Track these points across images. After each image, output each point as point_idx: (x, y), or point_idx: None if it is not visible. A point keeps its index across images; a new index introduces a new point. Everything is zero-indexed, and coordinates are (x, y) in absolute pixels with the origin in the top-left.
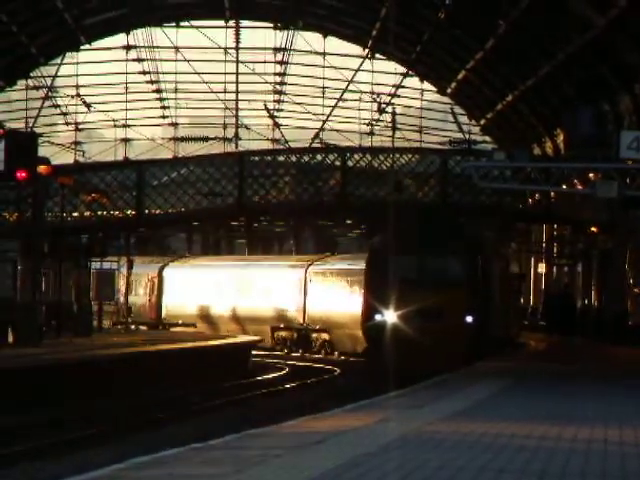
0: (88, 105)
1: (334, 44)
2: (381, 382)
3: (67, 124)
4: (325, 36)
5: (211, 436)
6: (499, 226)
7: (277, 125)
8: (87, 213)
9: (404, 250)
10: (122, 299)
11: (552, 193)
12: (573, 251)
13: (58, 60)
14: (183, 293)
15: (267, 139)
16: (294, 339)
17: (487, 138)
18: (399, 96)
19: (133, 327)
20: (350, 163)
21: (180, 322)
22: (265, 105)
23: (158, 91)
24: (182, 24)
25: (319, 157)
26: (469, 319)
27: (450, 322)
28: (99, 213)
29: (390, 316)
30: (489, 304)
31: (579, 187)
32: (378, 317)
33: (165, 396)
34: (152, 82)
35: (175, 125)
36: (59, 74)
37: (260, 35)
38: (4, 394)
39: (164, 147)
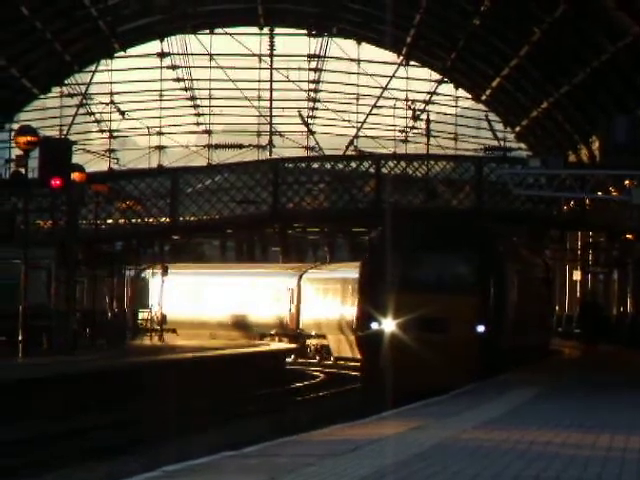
0: (122, 112)
1: (368, 51)
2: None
3: (101, 131)
4: (359, 43)
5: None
6: (527, 230)
7: (311, 132)
8: (121, 220)
9: (406, 248)
10: (157, 306)
11: (587, 200)
12: (608, 258)
13: (92, 67)
14: (317, 303)
15: (301, 146)
16: None
17: (522, 145)
18: (434, 103)
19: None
20: (384, 170)
21: (313, 333)
22: (299, 112)
23: (192, 98)
24: (216, 31)
25: (353, 164)
26: (480, 329)
27: (458, 333)
28: (133, 220)
29: (388, 325)
30: (507, 311)
31: (614, 194)
32: (374, 326)
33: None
34: (186, 89)
35: (209, 132)
36: (93, 81)
37: (294, 42)
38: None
39: (198, 154)
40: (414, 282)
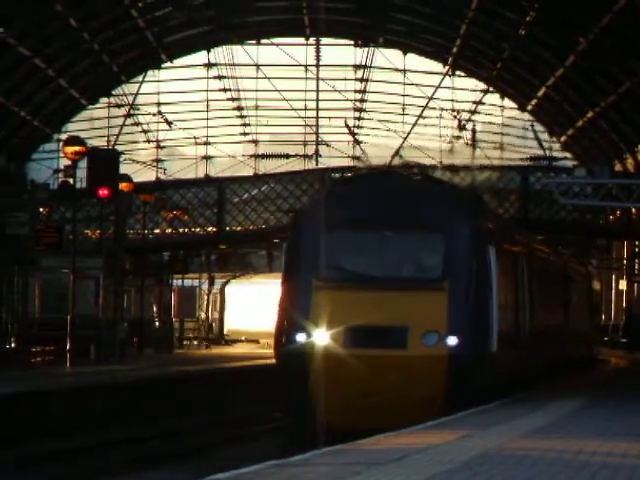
0: (169, 123)
1: (414, 61)
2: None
3: (148, 142)
4: (405, 53)
5: None
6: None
7: (357, 142)
8: (168, 230)
9: (346, 224)
10: (203, 315)
11: (633, 209)
12: None
13: (139, 78)
14: None
15: (347, 156)
16: None
17: (568, 155)
18: (479, 113)
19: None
20: None
21: None
22: (345, 122)
23: (239, 108)
24: (262, 42)
25: None
26: (452, 341)
27: (421, 347)
28: (180, 230)
29: (320, 337)
30: (494, 314)
31: None
32: (300, 338)
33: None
34: (233, 99)
35: (256, 142)
36: (140, 92)
37: (340, 52)
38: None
39: (245, 164)
40: (359, 273)
